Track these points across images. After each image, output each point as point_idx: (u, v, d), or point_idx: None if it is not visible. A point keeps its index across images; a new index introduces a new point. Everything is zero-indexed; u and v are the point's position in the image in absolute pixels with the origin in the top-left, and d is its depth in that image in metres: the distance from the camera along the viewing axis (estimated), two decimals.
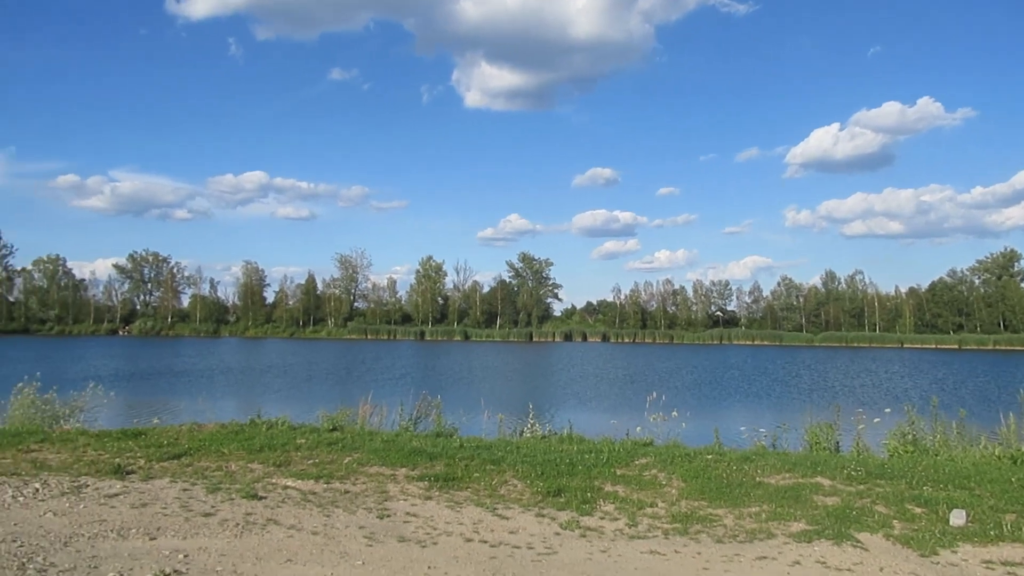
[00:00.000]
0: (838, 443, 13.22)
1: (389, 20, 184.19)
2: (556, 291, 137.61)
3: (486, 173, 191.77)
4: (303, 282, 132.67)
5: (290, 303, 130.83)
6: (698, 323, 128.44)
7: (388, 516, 8.09)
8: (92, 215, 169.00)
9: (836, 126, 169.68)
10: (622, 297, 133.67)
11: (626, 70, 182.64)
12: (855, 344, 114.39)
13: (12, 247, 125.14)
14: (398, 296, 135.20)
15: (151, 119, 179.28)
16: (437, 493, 9.13)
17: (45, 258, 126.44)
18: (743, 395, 36.96)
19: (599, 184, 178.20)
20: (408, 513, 8.25)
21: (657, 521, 8.45)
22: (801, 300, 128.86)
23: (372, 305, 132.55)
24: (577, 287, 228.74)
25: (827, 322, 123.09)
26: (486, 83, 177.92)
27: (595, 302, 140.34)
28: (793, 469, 10.38)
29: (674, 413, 14.30)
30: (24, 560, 6.00)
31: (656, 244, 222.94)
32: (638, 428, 13.62)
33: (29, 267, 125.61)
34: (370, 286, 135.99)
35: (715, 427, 13.63)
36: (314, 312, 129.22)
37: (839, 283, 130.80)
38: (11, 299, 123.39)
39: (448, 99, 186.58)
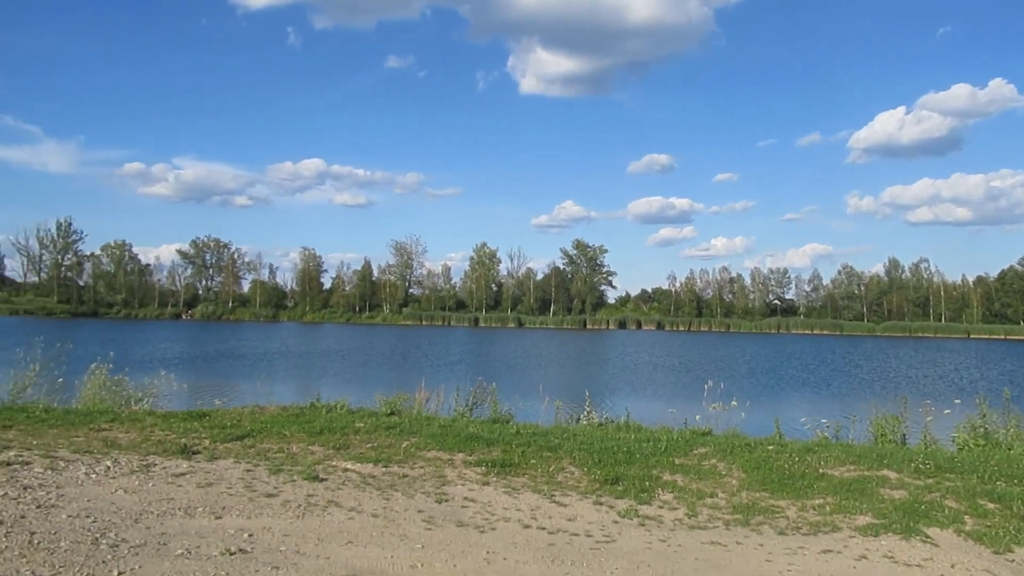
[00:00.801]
0: (904, 435, 12.84)
1: (444, 7, 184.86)
2: (610, 278, 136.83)
3: (541, 159, 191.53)
4: (359, 268, 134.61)
5: (346, 289, 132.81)
6: (755, 312, 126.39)
7: (446, 500, 8.13)
8: (157, 202, 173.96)
9: (902, 110, 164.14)
10: (677, 285, 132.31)
11: (684, 54, 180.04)
12: (919, 334, 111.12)
13: (82, 233, 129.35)
14: (452, 283, 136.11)
15: (213, 108, 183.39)
16: (494, 479, 9.14)
17: (112, 244, 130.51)
18: (802, 385, 36.26)
19: (655, 170, 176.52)
20: (466, 498, 8.28)
21: (717, 512, 8.33)
22: (863, 289, 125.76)
23: (427, 291, 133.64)
24: (631, 274, 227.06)
25: (889, 311, 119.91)
26: (541, 69, 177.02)
27: (650, 290, 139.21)
28: (858, 461, 10.12)
29: (733, 402, 14.06)
30: (98, 535, 6.19)
31: (713, 231, 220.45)
32: (696, 417, 13.44)
33: (98, 252, 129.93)
34: (425, 272, 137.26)
35: (775, 417, 13.37)
36: (370, 298, 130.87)
37: (903, 271, 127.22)
38: (81, 283, 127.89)
39: (503, 85, 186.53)
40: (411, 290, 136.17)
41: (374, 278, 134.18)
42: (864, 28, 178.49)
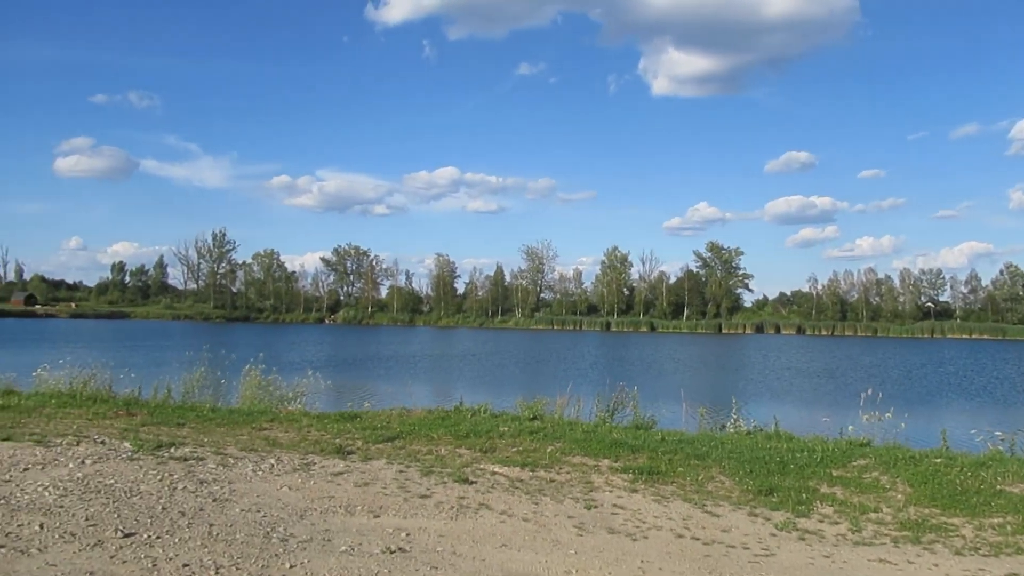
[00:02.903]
0: None
1: (575, 12, 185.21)
2: (747, 281, 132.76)
3: (673, 161, 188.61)
4: (492, 274, 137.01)
5: (479, 294, 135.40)
6: (905, 315, 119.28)
7: (595, 507, 8.07)
8: (302, 212, 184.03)
9: None
10: (819, 287, 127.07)
11: (826, 48, 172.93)
12: None
13: (235, 243, 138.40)
14: (584, 287, 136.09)
15: (353, 121, 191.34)
16: (642, 486, 8.99)
17: (262, 252, 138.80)
18: (963, 394, 33.82)
19: (794, 169, 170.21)
20: (615, 505, 8.18)
21: (883, 527, 7.85)
22: None
23: (558, 296, 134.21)
24: (769, 277, 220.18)
25: None
26: (674, 70, 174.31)
27: (789, 293, 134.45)
28: None
29: (889, 413, 13.25)
30: (268, 529, 6.51)
31: (857, 230, 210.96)
32: (850, 427, 12.75)
33: (249, 261, 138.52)
34: (556, 277, 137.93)
35: (942, 428, 12.50)
36: (502, 303, 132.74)
37: None
38: (234, 290, 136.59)
39: (635, 88, 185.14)
40: (543, 295, 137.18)
41: (506, 283, 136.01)
42: None
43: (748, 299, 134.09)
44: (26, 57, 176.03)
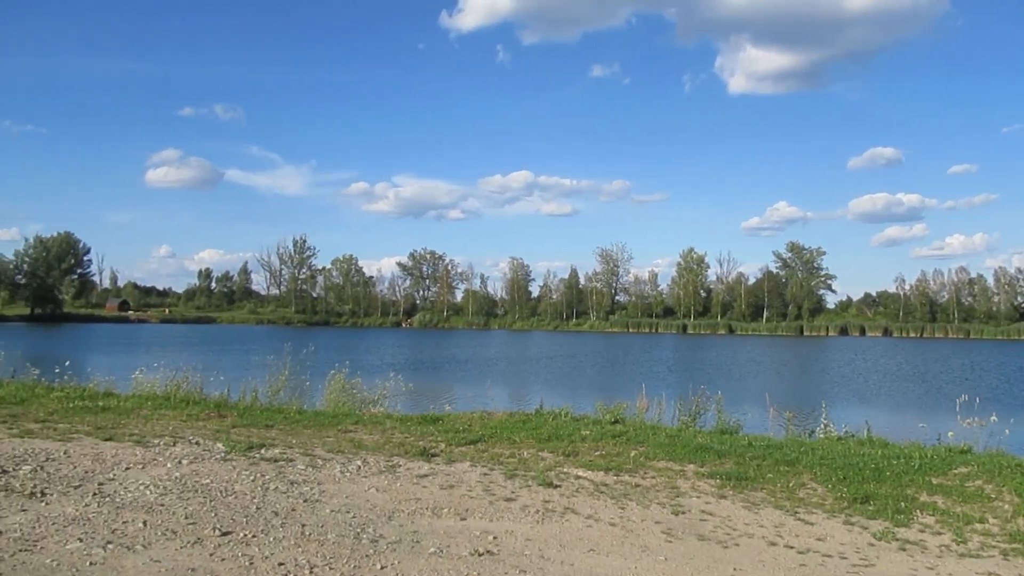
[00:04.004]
0: None
1: (650, 12, 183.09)
2: (829, 282, 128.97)
3: (751, 160, 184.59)
4: (566, 276, 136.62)
5: (553, 297, 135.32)
6: (1001, 316, 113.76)
7: (683, 512, 7.91)
8: (379, 218, 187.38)
9: None
10: (907, 288, 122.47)
11: (912, 40, 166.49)
12: None
13: (315, 249, 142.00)
14: (659, 289, 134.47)
15: (428, 127, 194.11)
16: (731, 492, 8.78)
17: (341, 258, 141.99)
18: None
19: (879, 165, 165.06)
20: (703, 511, 8.00)
21: (990, 539, 7.46)
22: None
23: (633, 298, 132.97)
24: (853, 277, 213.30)
25: None
26: (752, 67, 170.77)
27: (874, 293, 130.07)
28: None
29: (992, 417, 12.61)
30: (358, 530, 6.60)
31: (947, 228, 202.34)
32: (949, 433, 12.18)
33: (328, 266, 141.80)
34: (631, 279, 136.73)
35: None
36: (576, 305, 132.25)
37: None
38: (314, 295, 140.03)
39: (711, 87, 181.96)
40: (617, 297, 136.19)
41: (580, 286, 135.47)
42: None
43: (831, 300, 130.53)
44: (119, 74, 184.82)
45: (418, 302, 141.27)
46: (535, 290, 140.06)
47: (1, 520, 6.20)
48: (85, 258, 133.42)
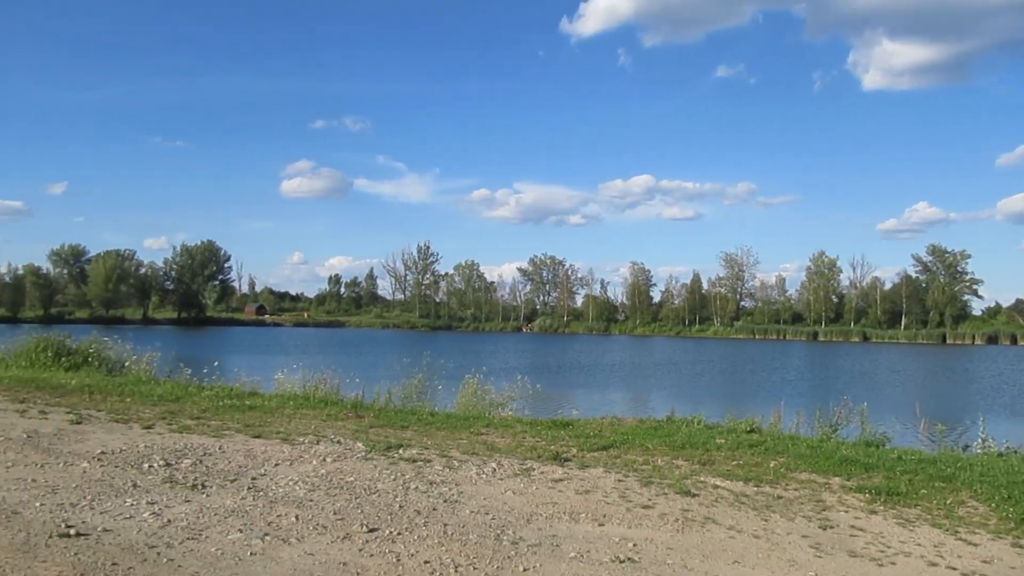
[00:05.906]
0: None
1: (777, 9, 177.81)
2: (975, 287, 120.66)
3: (887, 159, 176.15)
4: (688, 281, 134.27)
5: (675, 302, 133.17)
6: None
7: (831, 527, 7.54)
8: (500, 224, 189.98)
9: None
10: None
11: None
12: None
13: (438, 255, 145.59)
14: (787, 294, 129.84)
15: (548, 133, 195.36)
16: (881, 507, 8.31)
17: (463, 264, 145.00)
18: None
19: None
20: (853, 526, 7.61)
21: None
22: None
23: (760, 304, 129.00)
24: (1003, 282, 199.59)
25: None
26: (888, 62, 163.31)
27: None
28: None
29: None
30: (498, 531, 6.65)
31: None
32: None
33: (451, 272, 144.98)
34: (757, 284, 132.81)
35: None
36: (699, 311, 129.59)
37: None
38: (438, 300, 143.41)
39: (843, 84, 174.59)
40: (743, 303, 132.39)
41: (703, 291, 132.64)
42: None
43: (977, 307, 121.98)
44: (256, 91, 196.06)
45: (538, 307, 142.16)
46: (656, 295, 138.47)
47: (169, 509, 6.62)
48: (226, 265, 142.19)
